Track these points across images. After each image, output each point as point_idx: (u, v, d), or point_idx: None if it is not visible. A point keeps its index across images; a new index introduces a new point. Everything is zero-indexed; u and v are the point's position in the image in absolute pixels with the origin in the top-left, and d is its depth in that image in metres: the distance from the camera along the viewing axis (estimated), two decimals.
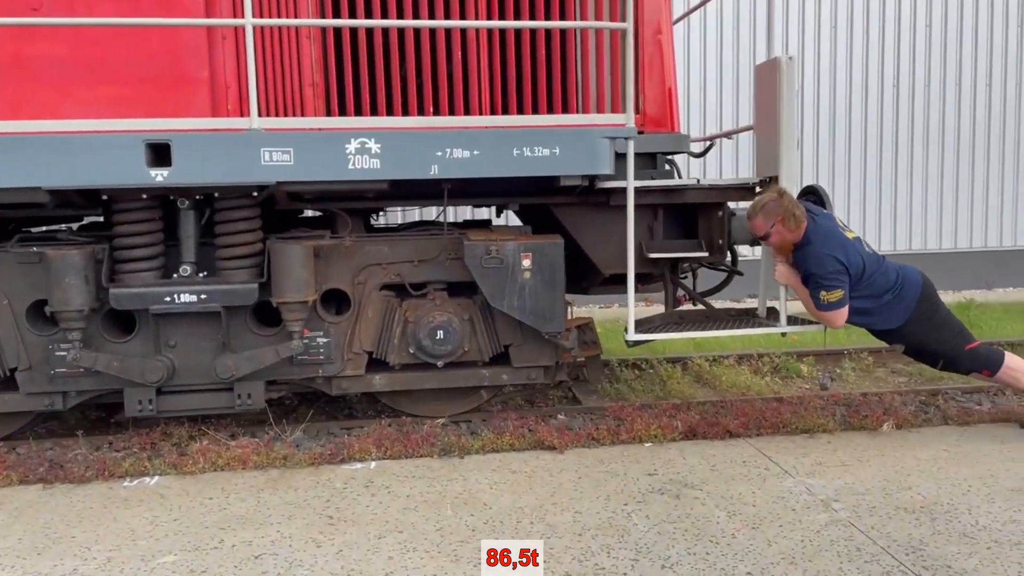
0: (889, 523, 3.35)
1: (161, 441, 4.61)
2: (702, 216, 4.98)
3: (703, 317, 5.09)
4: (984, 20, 10.17)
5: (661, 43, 4.87)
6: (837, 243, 4.29)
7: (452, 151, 4.19)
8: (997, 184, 10.37)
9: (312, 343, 4.60)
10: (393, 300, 4.74)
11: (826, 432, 4.56)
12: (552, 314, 4.58)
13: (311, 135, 4.18)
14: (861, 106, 10.09)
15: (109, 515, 3.65)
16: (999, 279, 10.24)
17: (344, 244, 4.61)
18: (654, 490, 3.78)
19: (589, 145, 4.31)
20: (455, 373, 4.82)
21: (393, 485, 3.94)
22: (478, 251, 4.52)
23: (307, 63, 4.40)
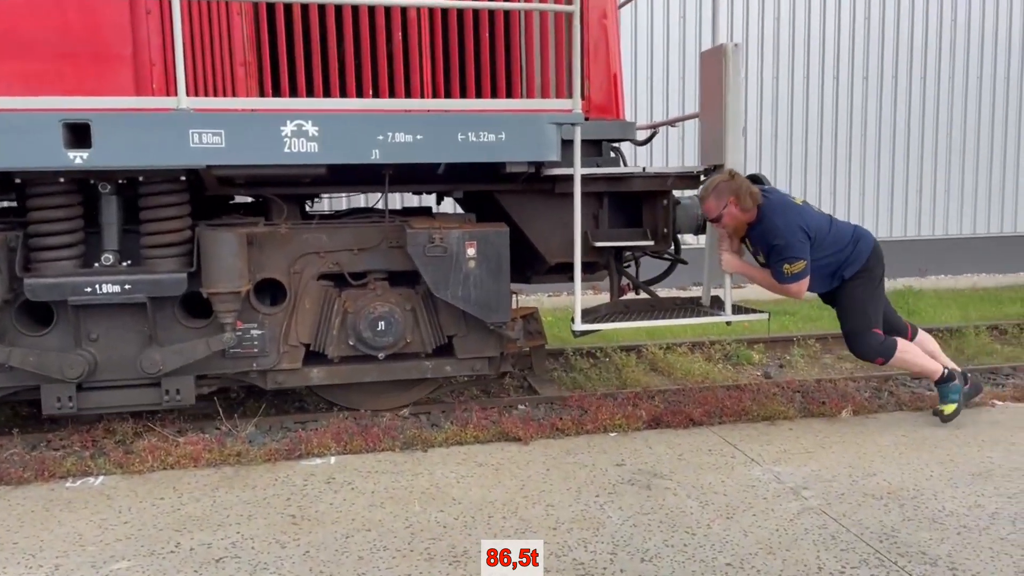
0: (859, 510, 3.37)
1: (104, 438, 4.37)
2: (647, 204, 4.93)
3: (648, 306, 5.05)
4: (920, 14, 10.43)
5: (607, 28, 4.80)
6: (795, 212, 4.33)
7: (394, 135, 4.03)
8: (931, 175, 10.67)
9: (246, 335, 4.41)
10: (332, 290, 4.56)
11: (787, 419, 4.59)
12: (497, 304, 4.48)
13: (244, 116, 3.97)
14: (803, 96, 10.25)
15: (53, 518, 3.43)
16: (932, 267, 10.56)
17: (279, 232, 4.41)
18: (624, 481, 3.74)
19: (536, 131, 4.20)
20: (397, 365, 4.67)
21: (356, 481, 3.80)
22: (421, 239, 4.37)
23: (238, 41, 4.19)
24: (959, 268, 10.66)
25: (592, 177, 4.63)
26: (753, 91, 10.06)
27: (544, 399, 5.09)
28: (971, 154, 10.75)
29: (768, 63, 10.09)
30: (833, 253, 4.39)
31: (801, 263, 4.27)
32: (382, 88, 4.39)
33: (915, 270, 10.43)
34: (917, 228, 10.69)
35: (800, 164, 10.33)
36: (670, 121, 6.69)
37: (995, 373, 5.67)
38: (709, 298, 5.02)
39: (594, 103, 4.78)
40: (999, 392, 5.05)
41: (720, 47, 4.60)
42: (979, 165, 10.78)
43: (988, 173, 10.82)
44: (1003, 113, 10.76)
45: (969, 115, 10.69)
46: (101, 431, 4.43)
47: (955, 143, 10.69)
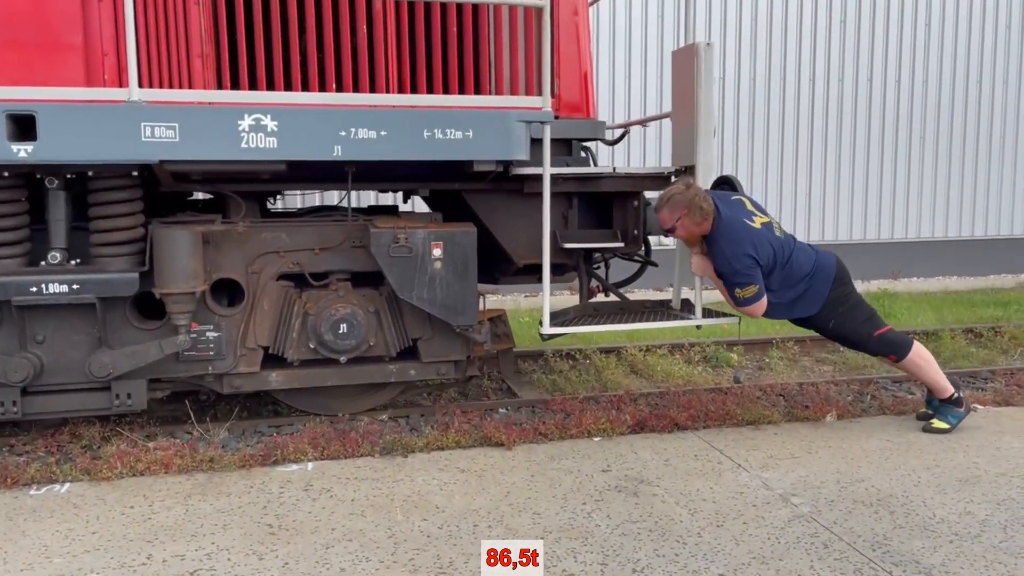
0: (850, 517, 3.32)
1: (70, 443, 4.21)
2: (617, 205, 4.85)
3: (618, 309, 4.97)
4: (895, 18, 10.50)
5: (577, 25, 4.70)
6: (745, 238, 4.16)
7: (357, 131, 3.90)
8: (904, 179, 10.77)
9: (201, 338, 4.25)
10: (292, 291, 4.41)
11: (771, 424, 4.55)
12: (464, 306, 4.36)
13: (199, 109, 3.81)
14: (779, 98, 10.28)
15: (17, 528, 3.27)
16: (904, 270, 10.65)
17: (236, 230, 4.25)
18: (611, 487, 3.66)
19: (504, 129, 4.09)
20: (359, 369, 4.54)
21: (335, 488, 3.68)
22: (385, 239, 4.24)
23: (195, 32, 4.03)
24: (930, 271, 10.76)
25: (562, 177, 4.54)
26: (731, 91, 10.07)
27: (525, 402, 5.01)
28: (943, 159, 10.87)
29: (745, 63, 10.10)
30: (791, 285, 4.28)
31: (752, 288, 4.16)
32: (346, 83, 4.26)
33: (888, 272, 10.52)
34: (891, 231, 10.78)
35: (776, 166, 10.36)
36: (641, 121, 6.61)
37: (974, 377, 5.69)
38: (679, 301, 4.94)
39: (564, 101, 4.68)
40: (980, 396, 5.06)
41: (692, 46, 4.52)
42: (951, 170, 10.91)
43: (960, 178, 10.94)
44: (975, 118, 10.88)
45: (942, 121, 10.79)
46: (67, 436, 4.26)
47: (928, 148, 10.79)
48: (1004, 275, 10.89)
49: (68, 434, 4.27)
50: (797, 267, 4.29)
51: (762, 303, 4.24)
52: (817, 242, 10.43)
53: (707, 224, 4.21)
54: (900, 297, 9.17)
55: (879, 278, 10.38)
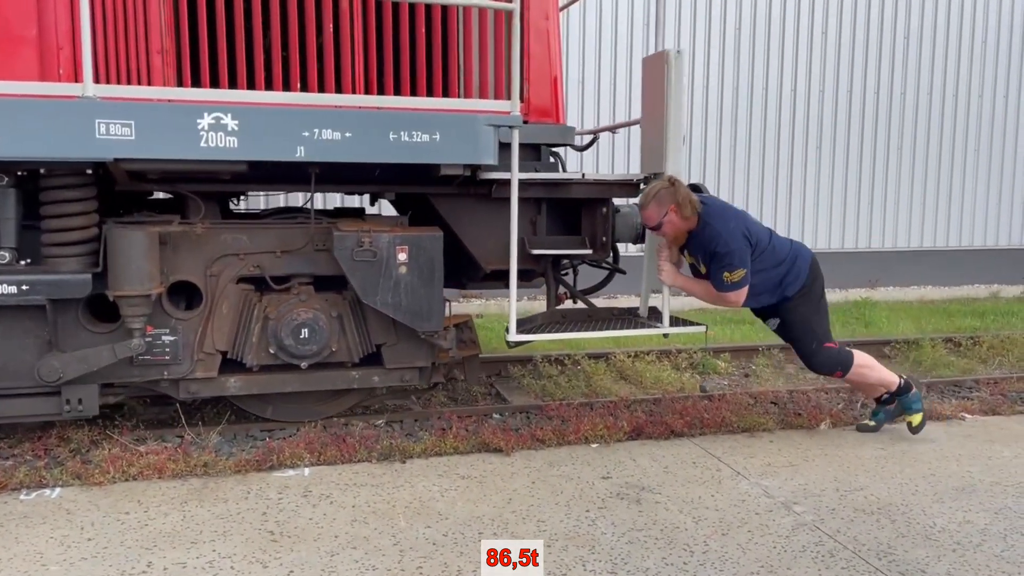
0: (853, 526, 3.35)
1: (58, 447, 4.11)
2: (586, 212, 4.78)
3: (585, 316, 4.88)
4: (875, 28, 10.65)
5: (548, 30, 4.66)
6: (738, 217, 4.25)
7: (321, 132, 3.80)
8: (881, 188, 10.91)
9: (156, 342, 4.12)
10: (252, 294, 4.31)
11: (766, 431, 4.57)
12: (429, 312, 4.27)
13: (157, 106, 3.68)
14: (747, 106, 10.36)
15: (9, 535, 3.18)
16: (882, 279, 10.79)
17: (194, 231, 4.14)
18: (613, 495, 3.65)
19: (472, 132, 4.01)
20: (321, 375, 4.43)
21: (334, 494, 3.63)
22: (349, 243, 4.14)
23: (156, 27, 3.91)
24: (907, 280, 10.91)
25: (530, 182, 4.48)
26: (708, 99, 10.13)
27: (520, 408, 4.99)
28: (919, 170, 11.02)
29: (716, 71, 10.15)
30: (773, 267, 4.31)
31: (741, 271, 4.17)
32: (311, 82, 4.16)
33: (865, 281, 10.65)
34: (868, 240, 10.91)
35: (745, 175, 10.41)
36: (611, 127, 6.52)
37: (958, 386, 5.77)
38: (647, 309, 4.84)
39: (534, 106, 4.62)
40: (968, 405, 5.13)
41: (662, 53, 4.46)
42: (927, 181, 11.07)
43: (936, 189, 11.11)
44: (951, 130, 11.07)
45: (919, 132, 10.96)
46: (55, 439, 4.16)
47: (904, 159, 10.94)
48: (978, 285, 11.08)
49: (56, 437, 4.17)
50: (779, 250, 4.33)
51: (744, 291, 4.23)
52: None
53: (695, 218, 4.19)
54: (879, 306, 9.29)
55: (857, 287, 10.50)
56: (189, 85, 3.97)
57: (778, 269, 4.32)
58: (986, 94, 11.13)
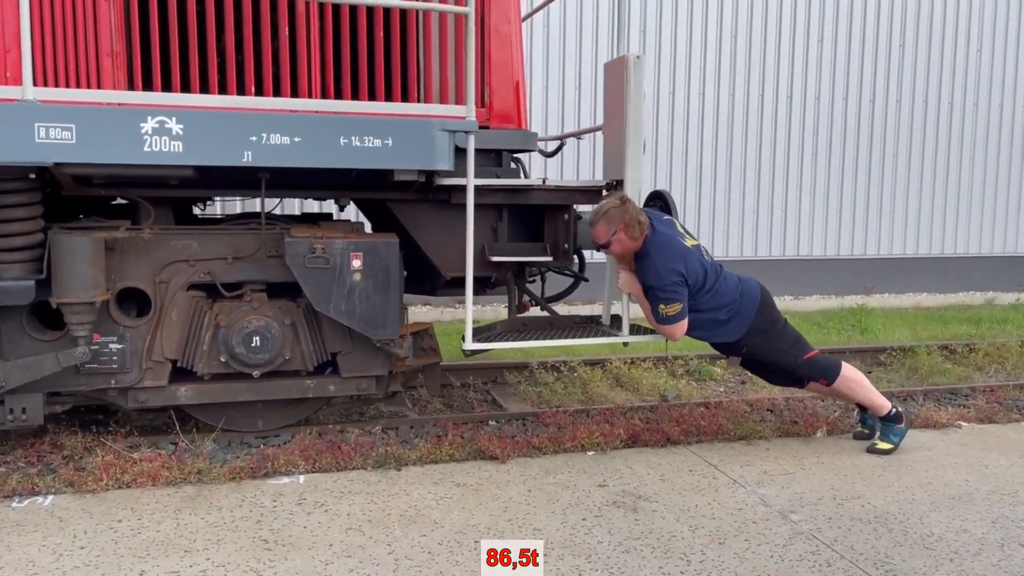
0: (849, 535, 3.34)
1: (51, 453, 4.08)
2: (549, 219, 4.72)
3: (547, 324, 4.85)
4: (870, 33, 10.68)
5: (509, 34, 4.59)
6: (677, 253, 4.14)
7: (269, 136, 3.73)
8: (876, 194, 10.93)
9: (103, 349, 4.05)
10: (203, 301, 4.23)
11: (763, 439, 4.56)
12: (384, 320, 4.19)
13: (99, 110, 3.62)
14: (743, 114, 10.38)
15: (1, 543, 3.15)
16: (876, 286, 10.80)
17: (141, 237, 4.06)
18: (609, 503, 3.64)
19: (425, 137, 3.94)
20: (275, 384, 4.36)
21: (329, 502, 3.61)
22: (301, 249, 4.07)
23: (105, 29, 3.85)
24: (903, 287, 10.93)
25: (490, 188, 4.43)
26: (695, 106, 10.13)
27: (516, 415, 4.97)
28: (915, 177, 11.06)
29: (710, 80, 10.18)
30: (715, 308, 4.24)
31: (677, 306, 4.11)
32: (266, 86, 4.11)
33: (861, 288, 10.67)
34: (863, 246, 10.93)
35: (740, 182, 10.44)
36: (576, 133, 6.42)
37: (954, 394, 5.77)
38: (609, 317, 4.78)
39: (496, 111, 4.56)
40: (964, 413, 5.13)
41: (622, 58, 4.41)
42: (923, 188, 11.10)
43: (931, 196, 11.14)
44: (946, 138, 11.10)
45: (914, 139, 10.99)
46: (47, 445, 4.13)
47: (900, 166, 10.97)
48: (973, 292, 11.11)
49: (49, 444, 4.14)
50: (724, 292, 4.25)
51: (683, 325, 4.18)
52: (792, 258, 10.58)
53: (641, 240, 4.15)
54: (874, 313, 9.30)
55: (852, 294, 10.51)
56: (140, 88, 3.91)
57: (724, 312, 4.25)
58: (981, 101, 11.17)
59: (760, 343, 4.33)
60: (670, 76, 10.01)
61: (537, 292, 5.25)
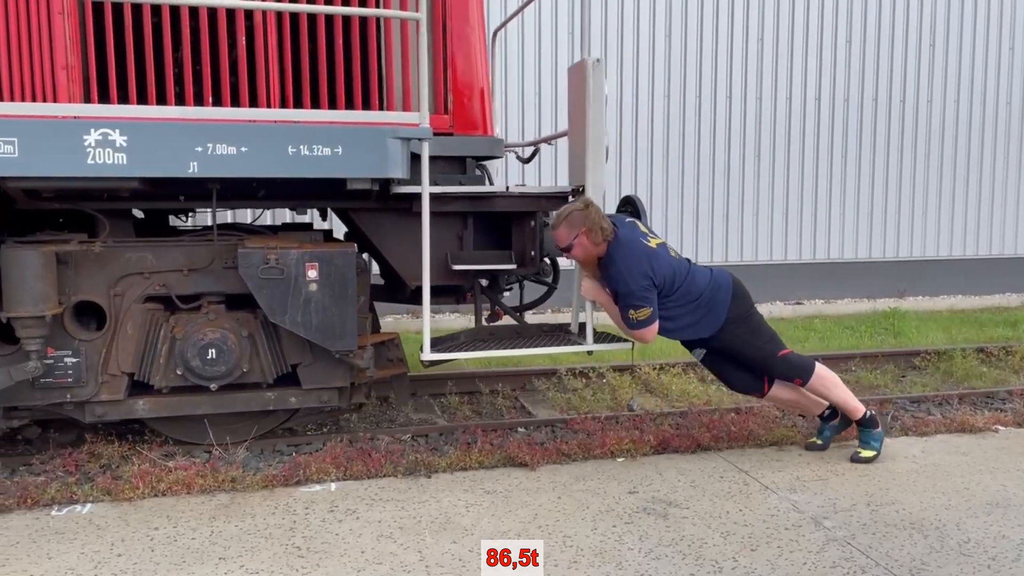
0: (885, 542, 3.29)
1: (88, 463, 4.15)
2: (516, 226, 4.65)
3: (513, 333, 4.76)
4: (899, 35, 10.56)
5: (471, 39, 4.54)
6: (642, 256, 4.05)
7: (216, 147, 3.70)
8: (908, 196, 10.79)
9: (58, 364, 4.04)
10: (160, 314, 4.21)
11: (794, 444, 4.51)
12: (342, 331, 4.13)
13: (40, 123, 3.60)
14: (786, 112, 10.31)
15: (41, 551, 3.22)
16: (910, 288, 10.65)
17: (92, 250, 4.03)
18: (639, 510, 3.63)
19: (377, 145, 3.89)
20: (234, 397, 4.32)
21: (360, 509, 3.64)
22: (254, 260, 4.02)
23: (60, 42, 3.86)
24: (937, 289, 10.77)
25: (452, 196, 4.38)
26: (722, 106, 10.06)
27: (545, 422, 4.98)
28: (948, 178, 10.90)
29: (737, 79, 10.12)
30: (687, 304, 4.14)
31: (647, 310, 4.02)
32: (224, 96, 4.10)
33: (894, 291, 10.53)
34: (896, 249, 10.79)
35: (769, 184, 10.36)
36: (547, 139, 6.26)
37: (991, 397, 5.67)
38: (578, 325, 4.64)
39: (459, 118, 4.52)
40: (1001, 416, 5.03)
41: (582, 62, 4.30)
42: (955, 189, 10.93)
43: (964, 197, 10.97)
44: (979, 134, 10.93)
45: (946, 140, 10.84)
46: (85, 454, 4.21)
47: (932, 167, 10.82)
48: (1009, 294, 10.91)
49: (86, 453, 4.22)
50: (695, 287, 4.16)
51: (654, 328, 4.10)
52: (822, 261, 10.47)
53: (604, 246, 4.08)
54: (908, 316, 9.17)
55: (885, 296, 10.38)
56: (96, 101, 3.93)
57: (696, 308, 4.16)
58: (1015, 99, 10.99)
59: (735, 336, 4.21)
60: (696, 74, 9.96)
61: (516, 300, 5.20)
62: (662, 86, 9.88)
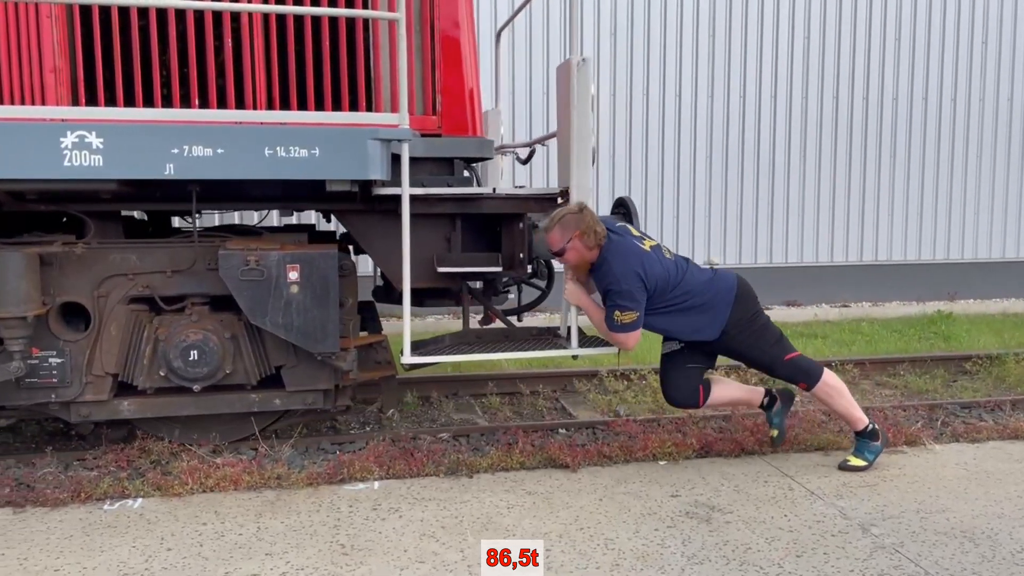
0: (935, 550, 3.23)
1: (139, 458, 4.24)
2: (505, 228, 4.56)
3: (502, 336, 4.70)
4: (951, 34, 10.33)
5: (460, 40, 4.49)
6: (634, 257, 3.97)
7: (191, 148, 3.69)
8: (960, 196, 10.54)
9: (43, 364, 4.06)
10: (143, 315, 4.23)
11: (840, 449, 4.43)
12: (323, 333, 4.10)
13: (16, 126, 3.60)
14: (823, 116, 10.15)
15: (94, 544, 3.30)
16: (961, 291, 10.41)
17: (75, 251, 4.04)
18: (682, 513, 3.60)
19: (356, 147, 3.84)
20: (219, 398, 4.31)
21: (403, 508, 3.67)
22: (234, 262, 4.00)
23: (48, 46, 3.89)
24: (989, 292, 10.51)
25: (439, 198, 4.32)
26: (767, 105, 9.94)
27: (586, 423, 4.97)
28: (1000, 176, 10.62)
29: (782, 77, 9.98)
30: (688, 302, 4.05)
31: (632, 314, 3.93)
32: (211, 99, 4.10)
33: (944, 294, 10.30)
34: (946, 251, 10.55)
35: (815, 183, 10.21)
36: (540, 140, 6.09)
37: None
38: (567, 328, 4.50)
39: (448, 119, 4.47)
40: None
41: (567, 62, 4.23)
42: (1009, 187, 10.65)
43: (1019, 195, 10.68)
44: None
45: (999, 136, 10.56)
46: (136, 450, 4.30)
47: (984, 165, 10.56)
48: None
49: (137, 449, 4.31)
50: (693, 286, 4.07)
51: (636, 335, 4.02)
52: (870, 263, 10.29)
53: (597, 250, 4.01)
54: (958, 319, 8.97)
55: (935, 300, 10.16)
56: (84, 104, 3.98)
57: (695, 310, 4.07)
58: None
59: (741, 339, 4.11)
60: (757, 72, 9.86)
61: (515, 304, 5.17)
62: (705, 85, 9.80)
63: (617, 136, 9.61)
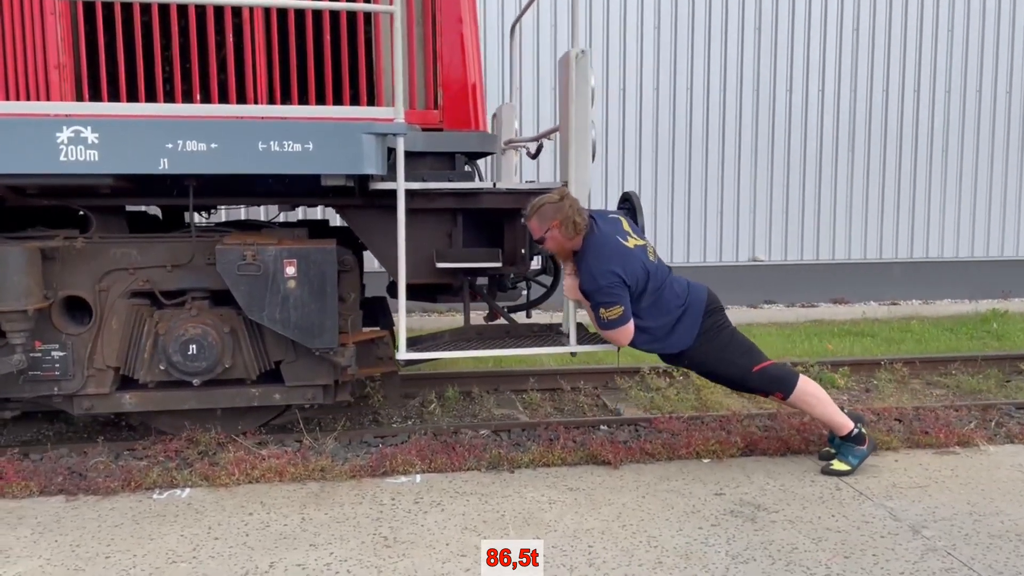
0: (988, 553, 3.14)
1: (187, 449, 4.32)
2: (508, 224, 4.52)
3: (503, 333, 4.66)
4: (1006, 26, 10.04)
5: (462, 34, 4.46)
6: (614, 254, 3.88)
7: (185, 143, 3.70)
8: (1015, 191, 10.26)
9: (45, 357, 4.11)
10: (144, 309, 4.25)
11: (890, 450, 4.35)
12: (321, 328, 4.10)
13: (13, 121, 3.65)
14: (871, 112, 9.94)
15: (143, 532, 3.37)
16: (1015, 289, 10.12)
17: (75, 246, 4.09)
18: (726, 512, 3.55)
19: (350, 141, 3.82)
20: (219, 392, 4.34)
21: (444, 501, 3.68)
22: (232, 256, 4.02)
23: (52, 42, 3.94)
24: None
25: (438, 192, 4.28)
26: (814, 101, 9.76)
27: (628, 420, 4.93)
28: None
29: (846, 72, 9.79)
30: (663, 313, 3.97)
31: (617, 308, 3.85)
32: (212, 94, 4.12)
33: (997, 291, 10.02)
34: (1000, 247, 10.27)
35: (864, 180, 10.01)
36: (544, 133, 6.00)
37: None
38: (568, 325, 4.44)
39: (450, 113, 4.44)
40: None
41: (566, 54, 4.19)
42: None
43: None
44: None
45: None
46: (184, 441, 4.38)
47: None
48: None
49: (185, 439, 4.39)
50: (670, 296, 3.98)
51: (628, 328, 3.93)
52: (921, 260, 10.06)
53: (578, 240, 3.92)
54: (1013, 318, 8.72)
55: (988, 297, 9.89)
56: (88, 99, 4.02)
57: (670, 318, 3.97)
58: None
59: (706, 350, 4.01)
60: (804, 66, 9.70)
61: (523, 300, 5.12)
62: (750, 80, 9.66)
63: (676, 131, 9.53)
